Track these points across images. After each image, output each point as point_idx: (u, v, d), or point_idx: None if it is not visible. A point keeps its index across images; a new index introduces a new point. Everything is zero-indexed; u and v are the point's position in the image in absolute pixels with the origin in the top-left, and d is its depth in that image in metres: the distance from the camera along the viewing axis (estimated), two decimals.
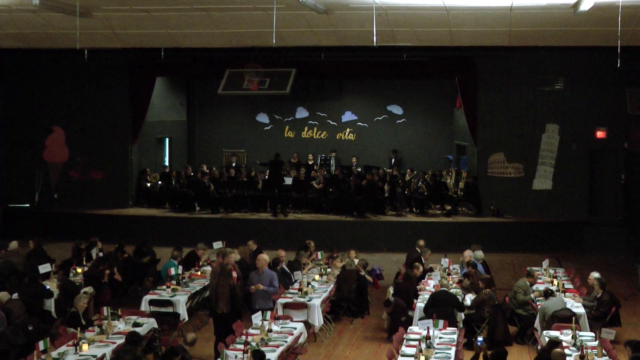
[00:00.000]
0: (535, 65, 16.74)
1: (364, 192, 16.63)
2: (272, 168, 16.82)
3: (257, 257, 9.81)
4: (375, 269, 12.20)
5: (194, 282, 11.07)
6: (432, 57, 16.83)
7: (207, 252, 12.71)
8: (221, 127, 21.22)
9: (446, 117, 20.19)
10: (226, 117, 21.23)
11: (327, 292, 10.72)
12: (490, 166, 17.12)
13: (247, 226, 16.25)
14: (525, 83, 16.84)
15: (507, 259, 15.21)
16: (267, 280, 9.50)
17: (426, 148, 20.23)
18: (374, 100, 20.69)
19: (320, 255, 12.49)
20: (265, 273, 9.57)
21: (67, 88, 18.03)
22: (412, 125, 20.51)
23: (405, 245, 14.22)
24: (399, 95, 20.49)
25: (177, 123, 20.85)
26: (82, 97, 18.00)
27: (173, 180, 17.80)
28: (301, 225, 16.27)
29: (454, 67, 17.17)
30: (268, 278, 9.53)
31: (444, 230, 16.07)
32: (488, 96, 16.99)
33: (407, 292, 10.41)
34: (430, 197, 17.14)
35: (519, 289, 10.19)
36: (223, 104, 20.84)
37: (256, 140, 20.90)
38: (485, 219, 16.60)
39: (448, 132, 20.25)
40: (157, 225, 16.61)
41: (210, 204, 17.09)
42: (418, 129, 20.47)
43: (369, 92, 20.69)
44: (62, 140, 18.17)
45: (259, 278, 9.51)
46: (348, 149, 20.34)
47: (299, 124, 20.94)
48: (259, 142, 20.83)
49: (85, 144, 18.04)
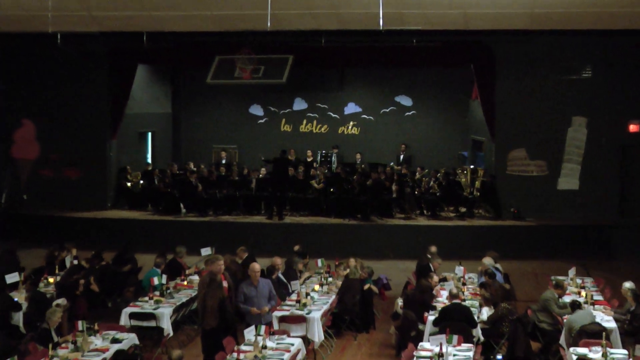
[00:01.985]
0: (560, 51, 16.73)
1: (369, 192, 16.61)
2: (278, 166, 16.76)
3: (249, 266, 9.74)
4: (381, 278, 12.17)
5: (180, 292, 11.02)
6: (444, 43, 16.81)
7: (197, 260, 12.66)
8: (210, 120, 21.24)
9: (461, 109, 20.19)
10: (216, 109, 21.25)
11: (328, 304, 10.67)
12: (510, 164, 17.11)
13: (239, 230, 16.23)
14: (549, 71, 16.83)
15: (529, 267, 15.18)
16: (266, 292, 9.45)
17: (438, 143, 20.24)
18: (380, 91, 20.69)
19: (320, 263, 12.46)
20: (261, 284, 9.52)
21: (38, 77, 18.00)
22: (422, 118, 20.53)
23: (414, 251, 14.19)
24: (408, 85, 20.52)
25: (161, 116, 20.86)
26: (54, 87, 17.97)
27: (156, 179, 17.78)
28: (299, 229, 16.23)
29: (469, 54, 17.16)
30: (266, 289, 9.49)
31: (458, 235, 16.05)
32: (507, 86, 16.98)
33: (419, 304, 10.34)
34: (443, 198, 17.14)
35: (549, 301, 10.10)
36: (212, 95, 20.85)
37: (249, 135, 20.91)
38: (504, 222, 16.59)
39: (463, 126, 20.25)
40: (139, 229, 16.58)
41: (198, 206, 17.08)
42: (429, 122, 20.48)
43: (375, 81, 20.69)
44: (32, 135, 18.15)
45: (256, 291, 9.44)
46: (351, 145, 20.36)
47: (297, 116, 20.96)
48: (253, 137, 20.84)
49: (58, 138, 18.03)
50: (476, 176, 17.63)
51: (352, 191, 16.83)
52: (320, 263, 12.46)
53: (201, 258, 12.50)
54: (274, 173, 16.92)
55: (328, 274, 11.96)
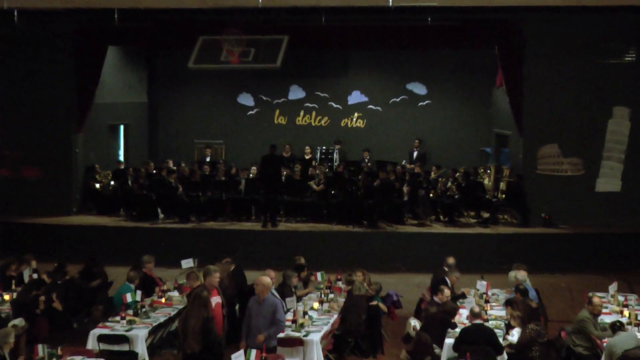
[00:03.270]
0: (599, 30, 16.74)
1: (376, 195, 16.61)
2: (267, 165, 16.74)
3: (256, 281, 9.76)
4: (391, 294, 12.14)
5: (157, 311, 11.02)
6: (464, 21, 16.85)
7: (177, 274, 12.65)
8: (192, 111, 21.26)
9: (483, 98, 20.23)
10: (199, 98, 21.26)
11: (329, 324, 10.68)
12: (540, 162, 17.11)
13: (226, 239, 16.23)
14: (586, 54, 16.84)
15: (562, 281, 15.18)
16: (268, 313, 9.44)
17: (457, 138, 20.27)
18: (390, 77, 20.72)
19: (320, 277, 12.45)
20: (267, 303, 9.51)
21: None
22: (438, 109, 20.57)
23: (429, 263, 14.19)
24: (422, 71, 20.56)
25: (135, 106, 20.87)
26: (11, 72, 17.95)
27: (130, 179, 17.80)
28: (295, 238, 16.24)
29: (493, 34, 17.19)
30: (270, 310, 9.48)
31: (479, 245, 16.06)
32: (537, 71, 16.98)
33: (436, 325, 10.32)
34: (462, 202, 17.15)
35: (586, 322, 10.08)
36: (195, 82, 20.87)
37: (237, 129, 20.94)
38: (534, 229, 16.61)
39: (485, 118, 20.30)
40: (109, 238, 16.59)
41: (178, 211, 17.10)
42: (446, 113, 20.52)
43: (383, 66, 20.72)
44: None
45: (258, 308, 9.45)
46: (356, 140, 20.40)
47: (293, 107, 20.99)
48: (242, 131, 20.86)
49: (16, 133, 18.01)
50: (501, 176, 17.67)
51: (356, 193, 16.82)
52: (320, 277, 12.45)
53: (181, 271, 12.49)
54: (263, 173, 16.91)
55: (329, 290, 11.95)
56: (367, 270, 12.18)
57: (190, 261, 12.51)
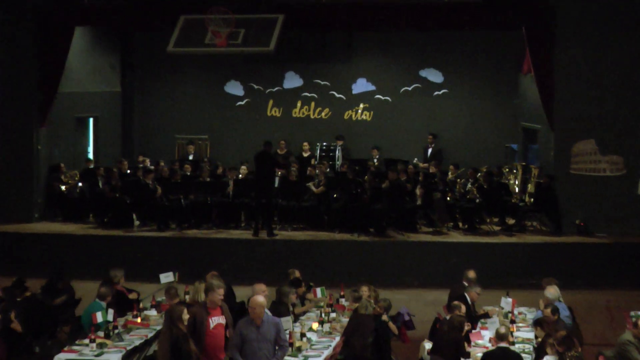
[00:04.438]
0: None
1: (385, 198, 16.60)
2: (260, 164, 16.70)
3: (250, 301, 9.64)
4: (402, 313, 12.13)
5: (132, 333, 11.00)
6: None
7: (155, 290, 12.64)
8: (173, 102, 21.29)
9: (508, 87, 20.27)
10: (180, 87, 21.28)
11: (331, 347, 10.66)
12: (575, 160, 17.11)
13: (211, 250, 16.26)
14: (629, 36, 16.83)
15: (600, 298, 15.16)
16: (271, 335, 9.36)
17: (478, 133, 20.32)
18: (401, 63, 20.74)
19: (320, 294, 12.43)
20: (266, 324, 9.38)
21: None
22: (456, 100, 20.59)
23: (446, 278, 14.24)
24: (438, 55, 20.57)
25: (106, 96, 20.87)
26: None
27: (101, 180, 17.79)
28: (292, 248, 16.26)
29: (520, 13, 17.19)
30: (272, 331, 9.38)
31: (504, 256, 16.07)
32: (571, 55, 16.98)
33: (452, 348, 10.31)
34: (484, 206, 17.13)
35: (628, 346, 10.04)
36: (175, 69, 20.89)
37: (225, 122, 20.98)
38: (567, 238, 16.61)
39: (511, 110, 20.34)
40: (77, 248, 16.58)
41: (157, 217, 17.12)
42: (466, 104, 20.55)
43: (393, 50, 20.75)
44: None
45: (257, 333, 9.35)
46: (362, 135, 20.46)
47: (289, 97, 21.02)
48: (229, 125, 20.88)
49: None
50: (529, 177, 17.69)
51: (362, 197, 16.80)
52: (320, 293, 12.43)
53: (160, 286, 12.46)
54: (256, 173, 16.87)
55: (330, 308, 11.93)
56: (375, 285, 12.19)
57: (170, 275, 12.47)
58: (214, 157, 20.04)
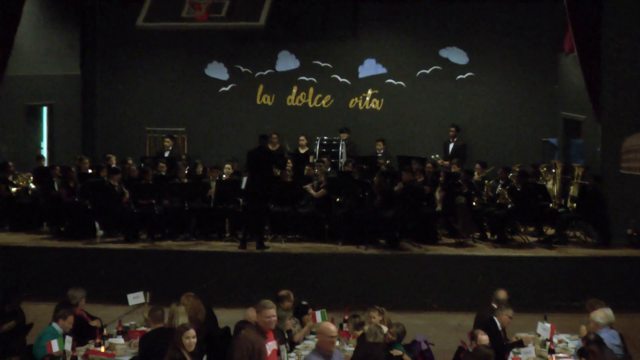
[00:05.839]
0: None
1: (398, 203, 16.53)
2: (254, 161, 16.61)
3: (323, 329, 9.62)
4: (419, 341, 12.09)
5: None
6: None
7: (123, 314, 12.58)
8: (143, 88, 21.29)
9: (546, 70, 20.34)
10: (152, 70, 21.25)
11: None
12: (626, 158, 17.09)
13: (189, 265, 16.23)
14: None
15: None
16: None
17: (510, 125, 20.37)
18: (417, 41, 20.80)
19: (320, 317, 12.34)
20: (337, 356, 9.59)
21: None
22: (483, 85, 20.66)
23: (471, 298, 14.26)
24: (461, 32, 20.58)
25: (63, 80, 20.90)
26: None
27: (57, 182, 17.81)
28: (286, 262, 16.23)
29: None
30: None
31: (542, 273, 16.06)
32: (622, 33, 16.98)
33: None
34: (517, 213, 17.09)
35: None
36: (146, 48, 20.85)
37: (206, 112, 21.06)
38: (617, 251, 16.61)
39: (549, 97, 20.39)
40: (29, 263, 16.57)
41: (124, 225, 17.11)
42: (495, 90, 20.54)
43: (407, 25, 20.72)
44: None
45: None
46: (370, 127, 20.53)
47: (283, 81, 21.09)
48: (211, 115, 20.96)
49: None
50: (571, 177, 17.65)
51: (371, 202, 16.72)
52: (321, 317, 12.34)
53: (128, 309, 12.39)
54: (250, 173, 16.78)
55: None
56: (386, 308, 12.12)
57: (140, 296, 12.42)
58: (192, 155, 20.00)
